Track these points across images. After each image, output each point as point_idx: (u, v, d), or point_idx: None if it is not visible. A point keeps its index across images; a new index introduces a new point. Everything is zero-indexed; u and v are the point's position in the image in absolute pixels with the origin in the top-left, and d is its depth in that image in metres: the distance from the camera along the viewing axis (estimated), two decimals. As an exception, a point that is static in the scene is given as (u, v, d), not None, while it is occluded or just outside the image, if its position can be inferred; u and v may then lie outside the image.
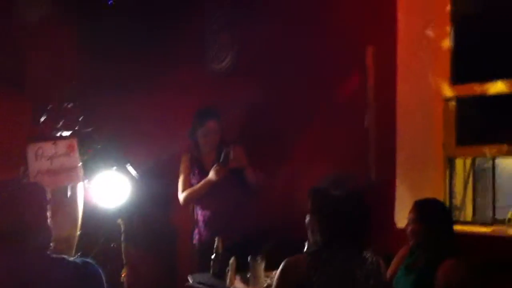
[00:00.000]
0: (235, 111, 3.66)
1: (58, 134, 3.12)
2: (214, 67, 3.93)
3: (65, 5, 3.83)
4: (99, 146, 3.24)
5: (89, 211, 3.13)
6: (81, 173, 3.01)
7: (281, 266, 2.11)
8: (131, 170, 3.32)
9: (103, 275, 2.01)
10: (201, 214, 3.48)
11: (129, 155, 3.48)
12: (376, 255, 2.15)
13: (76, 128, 3.22)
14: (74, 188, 3.00)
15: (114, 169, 3.22)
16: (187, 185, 3.47)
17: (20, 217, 1.93)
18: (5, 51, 3.53)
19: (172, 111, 3.98)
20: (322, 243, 2.09)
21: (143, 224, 3.76)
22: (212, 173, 3.31)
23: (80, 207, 3.06)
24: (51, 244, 1.99)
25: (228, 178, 3.33)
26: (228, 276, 2.83)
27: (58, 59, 3.76)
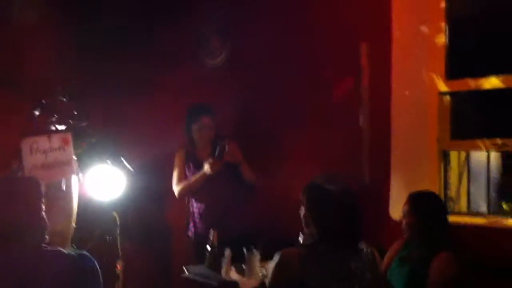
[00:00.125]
0: (229, 109, 3.67)
1: (53, 128, 3.11)
2: (209, 65, 3.93)
3: (62, 3, 3.84)
4: (94, 140, 3.24)
5: (84, 205, 3.12)
6: (76, 167, 3.01)
7: (277, 258, 2.12)
8: (126, 164, 3.32)
9: (99, 268, 2.02)
10: (196, 207, 3.49)
11: (124, 149, 3.48)
12: (371, 247, 2.17)
13: (71, 122, 3.21)
14: (69, 182, 2.99)
15: (109, 163, 3.21)
16: (182, 178, 3.49)
17: (16, 212, 1.93)
18: (2, 49, 3.52)
19: (167, 106, 3.98)
20: (318, 236, 2.10)
21: (138, 218, 3.77)
22: (207, 167, 3.32)
23: (75, 201, 3.06)
24: (46, 237, 1.99)
25: (223, 172, 3.34)
26: (224, 268, 2.84)
27: (54, 55, 3.75)
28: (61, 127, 3.12)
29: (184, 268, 3.03)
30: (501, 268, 2.66)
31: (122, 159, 3.32)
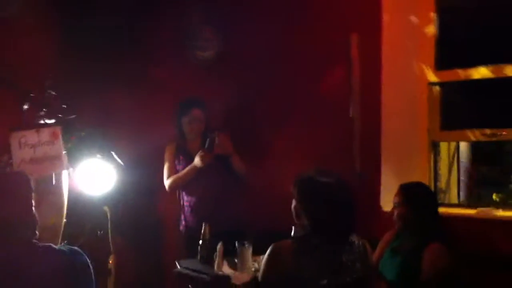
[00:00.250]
0: (220, 102, 3.66)
1: (42, 122, 3.08)
2: (199, 57, 3.91)
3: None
4: (83, 134, 3.21)
5: (74, 199, 3.10)
6: (65, 161, 2.98)
7: (269, 251, 2.12)
8: (116, 158, 3.30)
9: (90, 263, 2.01)
10: (187, 200, 3.48)
11: (114, 143, 3.46)
12: (362, 239, 2.18)
13: (60, 116, 3.18)
14: (59, 176, 2.97)
15: (99, 157, 3.19)
16: (173, 172, 3.47)
17: (5, 208, 1.92)
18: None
19: (157, 100, 3.95)
20: (309, 228, 2.11)
21: (129, 212, 3.75)
22: (197, 159, 3.31)
23: (65, 195, 3.04)
24: (37, 233, 1.98)
25: (214, 165, 3.33)
26: (216, 262, 2.84)
27: (42, 50, 3.71)
28: (50, 121, 3.09)
29: (176, 263, 3.02)
30: (491, 258, 2.69)
31: (113, 153, 3.30)
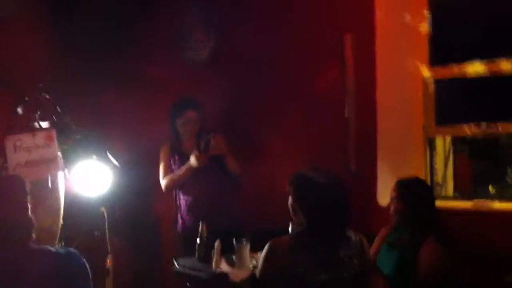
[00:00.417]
0: (215, 102, 3.65)
1: (36, 125, 3.07)
2: (193, 58, 3.91)
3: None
4: (79, 136, 3.20)
5: (71, 201, 3.10)
6: (61, 164, 2.98)
7: (266, 248, 2.13)
8: (112, 159, 3.30)
9: (87, 264, 2.00)
10: (183, 199, 3.48)
11: (109, 144, 3.45)
12: (359, 234, 2.18)
13: (55, 119, 3.18)
14: (55, 178, 2.96)
15: (95, 158, 3.18)
16: (169, 171, 3.47)
17: (0, 211, 1.90)
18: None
19: (152, 101, 3.95)
20: (306, 224, 2.11)
21: (126, 213, 3.75)
22: (193, 159, 3.31)
23: (62, 197, 3.03)
24: (33, 235, 1.97)
25: (209, 165, 3.33)
26: (214, 259, 2.84)
27: (36, 53, 3.70)
28: (45, 124, 3.09)
29: (174, 261, 3.02)
30: (488, 251, 2.70)
31: (108, 154, 3.29)
